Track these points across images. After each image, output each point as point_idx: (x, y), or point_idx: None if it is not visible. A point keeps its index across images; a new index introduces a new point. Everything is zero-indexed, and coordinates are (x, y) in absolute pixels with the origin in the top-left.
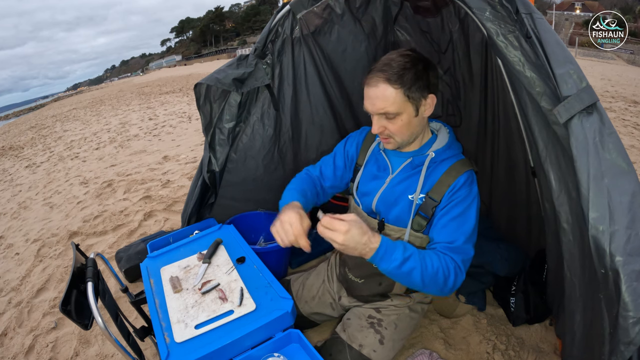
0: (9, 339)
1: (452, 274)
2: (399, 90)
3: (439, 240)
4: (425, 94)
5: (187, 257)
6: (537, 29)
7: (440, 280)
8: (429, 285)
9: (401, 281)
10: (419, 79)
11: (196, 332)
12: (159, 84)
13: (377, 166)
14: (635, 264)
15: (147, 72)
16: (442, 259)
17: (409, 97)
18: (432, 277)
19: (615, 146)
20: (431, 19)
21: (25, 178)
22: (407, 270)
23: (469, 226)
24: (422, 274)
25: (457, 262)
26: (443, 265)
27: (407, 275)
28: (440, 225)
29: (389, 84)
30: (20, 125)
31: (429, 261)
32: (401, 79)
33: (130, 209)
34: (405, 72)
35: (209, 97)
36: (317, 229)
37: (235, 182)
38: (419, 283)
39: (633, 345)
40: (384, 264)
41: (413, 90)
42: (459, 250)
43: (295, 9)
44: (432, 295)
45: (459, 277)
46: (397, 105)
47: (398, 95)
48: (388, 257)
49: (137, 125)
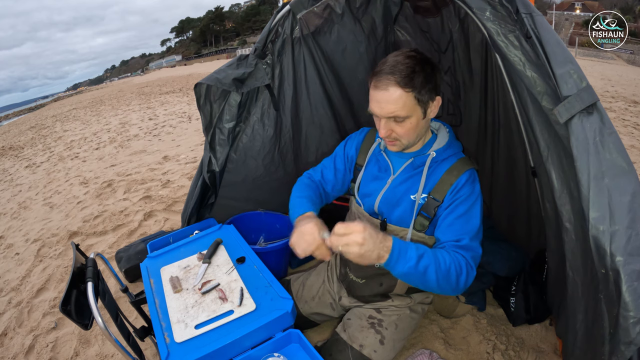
0: (9, 339)
1: (463, 270)
2: (410, 94)
3: (446, 239)
4: (433, 96)
5: (187, 257)
6: (538, 29)
7: (453, 278)
8: (442, 284)
9: (416, 282)
10: (429, 82)
11: (196, 332)
12: (159, 84)
13: (378, 167)
14: (636, 264)
15: (147, 72)
16: (452, 256)
17: (419, 101)
18: (446, 274)
19: (615, 146)
20: (431, 19)
21: (25, 178)
22: (423, 269)
23: (475, 224)
24: (437, 272)
25: (467, 258)
26: (455, 262)
27: (423, 275)
28: (446, 225)
29: (400, 87)
30: (20, 125)
31: (441, 258)
32: (412, 82)
33: (130, 209)
34: (415, 75)
35: (209, 97)
36: (329, 242)
37: (235, 182)
38: (434, 282)
39: (634, 345)
40: (400, 266)
41: (423, 94)
42: (467, 247)
43: (295, 9)
44: (443, 294)
45: (470, 274)
46: (407, 109)
47: (409, 99)
48: (403, 257)
49: (137, 125)
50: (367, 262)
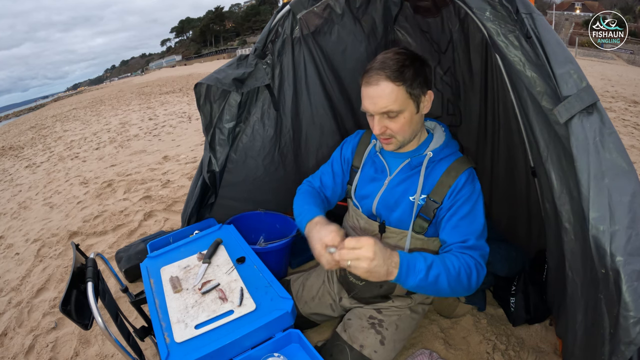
0: (9, 339)
1: (473, 270)
2: (401, 87)
3: (452, 241)
4: (425, 90)
5: (187, 257)
6: (538, 29)
7: (464, 280)
8: (455, 287)
9: (429, 292)
10: (419, 75)
11: (196, 332)
12: (159, 84)
13: (375, 168)
14: (636, 264)
15: (147, 72)
16: (460, 259)
17: (411, 94)
18: (457, 279)
19: (615, 146)
20: (431, 19)
21: (25, 178)
22: (434, 279)
23: (479, 223)
24: (448, 279)
25: (476, 258)
26: (463, 264)
27: (434, 284)
28: (451, 227)
29: (391, 81)
30: (20, 125)
31: (449, 263)
32: (402, 75)
33: (130, 209)
34: (405, 69)
35: (209, 97)
36: (338, 256)
37: (235, 182)
38: (447, 289)
39: (634, 345)
40: (411, 280)
41: (414, 87)
42: (474, 247)
43: (295, 9)
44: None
45: (481, 273)
46: (399, 102)
47: (400, 93)
48: (412, 270)
49: (137, 125)
50: (375, 279)
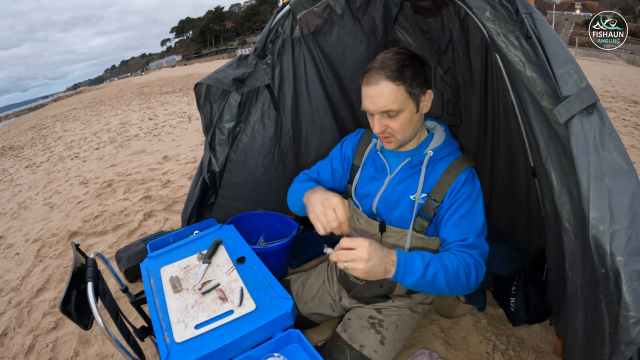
0: (9, 339)
1: (472, 269)
2: (401, 87)
3: (452, 239)
4: (424, 89)
5: (187, 257)
6: (538, 29)
7: (462, 279)
8: (454, 286)
9: (427, 290)
10: (419, 75)
11: (196, 332)
12: (159, 84)
13: (375, 167)
14: (636, 264)
15: (147, 72)
16: (459, 257)
17: (410, 93)
18: (455, 277)
19: (615, 146)
20: (431, 19)
21: (25, 178)
22: (431, 277)
23: (479, 221)
24: (446, 277)
25: (475, 256)
26: (462, 263)
27: (432, 283)
28: (451, 225)
29: (390, 80)
30: (20, 125)
31: (447, 262)
32: (402, 75)
33: (130, 209)
34: (405, 68)
35: (209, 97)
36: (334, 257)
37: (235, 182)
38: (445, 287)
39: (634, 345)
40: (408, 278)
41: (414, 86)
42: (474, 245)
43: (295, 9)
44: (456, 295)
45: (480, 272)
46: (399, 102)
47: (400, 92)
48: (410, 268)
49: (137, 125)
50: (373, 278)
